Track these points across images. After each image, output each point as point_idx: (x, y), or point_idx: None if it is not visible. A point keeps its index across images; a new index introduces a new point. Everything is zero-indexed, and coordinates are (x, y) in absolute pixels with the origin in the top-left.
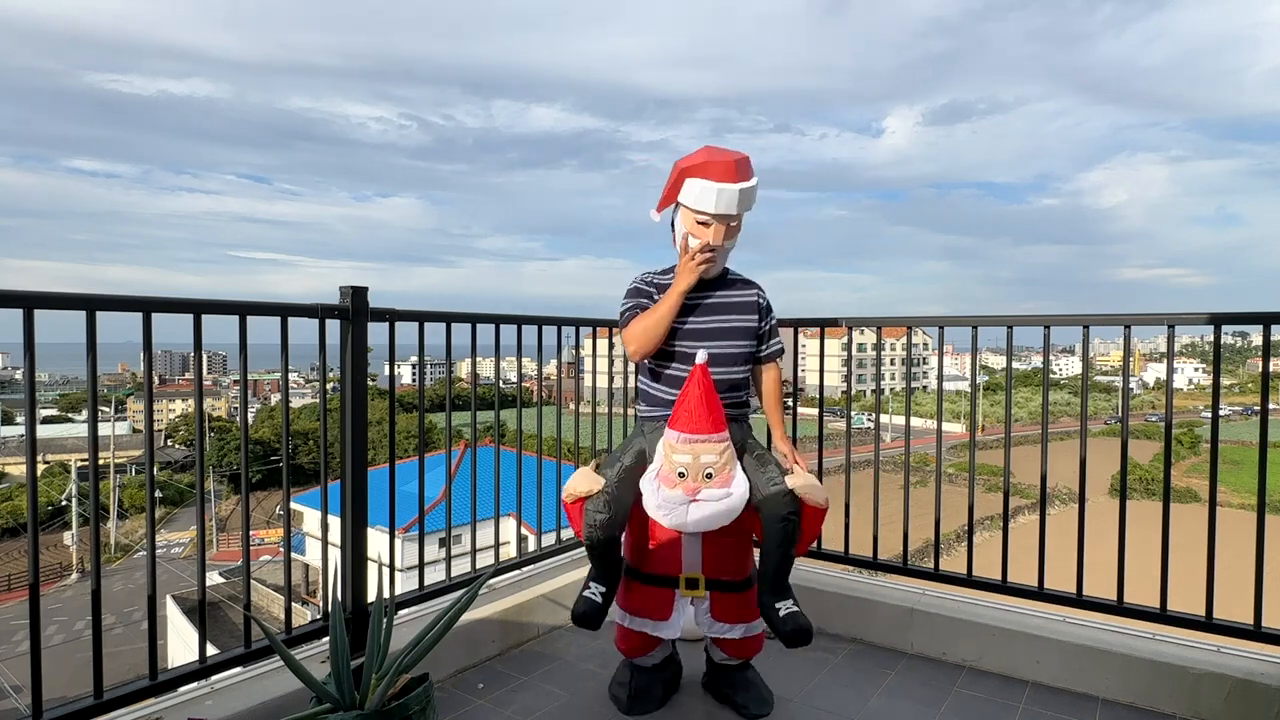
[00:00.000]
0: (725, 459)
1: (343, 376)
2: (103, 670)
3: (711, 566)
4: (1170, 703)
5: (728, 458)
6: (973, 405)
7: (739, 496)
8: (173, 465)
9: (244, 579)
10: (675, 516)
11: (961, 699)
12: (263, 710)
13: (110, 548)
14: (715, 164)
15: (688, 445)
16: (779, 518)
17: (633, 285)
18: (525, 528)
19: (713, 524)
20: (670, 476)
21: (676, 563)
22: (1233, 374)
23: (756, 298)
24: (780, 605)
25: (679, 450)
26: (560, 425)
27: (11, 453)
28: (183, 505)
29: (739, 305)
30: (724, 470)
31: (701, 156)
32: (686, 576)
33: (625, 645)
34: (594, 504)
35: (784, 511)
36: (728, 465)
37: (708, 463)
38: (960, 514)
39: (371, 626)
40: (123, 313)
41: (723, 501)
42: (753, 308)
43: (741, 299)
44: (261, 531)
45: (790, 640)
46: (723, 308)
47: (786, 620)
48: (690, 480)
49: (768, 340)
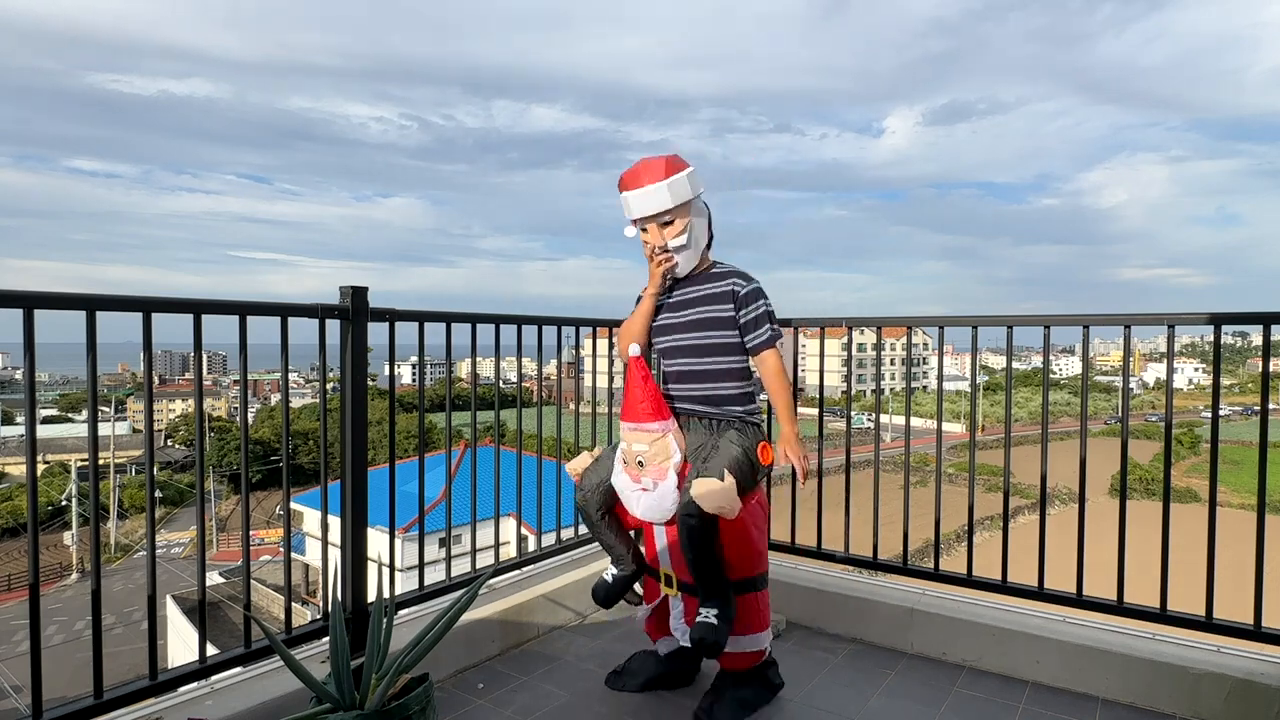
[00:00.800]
0: (655, 450)
1: (343, 376)
2: (103, 670)
3: (676, 565)
4: (1170, 703)
5: (659, 449)
6: (973, 405)
7: (666, 490)
8: (173, 465)
9: (244, 579)
10: (630, 502)
11: (961, 699)
12: (263, 710)
13: (110, 548)
14: (626, 174)
15: (627, 433)
16: (680, 514)
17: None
18: (525, 528)
19: (652, 516)
20: (620, 461)
21: (654, 556)
22: (1233, 374)
23: (732, 286)
24: (703, 610)
25: (623, 438)
26: (560, 425)
27: (11, 453)
28: (183, 505)
29: (711, 296)
30: (655, 461)
31: (626, 169)
32: (663, 572)
33: (647, 627)
34: (581, 481)
35: (682, 511)
36: (659, 456)
37: (638, 451)
38: (960, 514)
39: (371, 626)
40: (123, 313)
41: (655, 493)
42: (727, 297)
43: (715, 290)
44: (261, 531)
45: (694, 646)
46: (695, 300)
47: (698, 626)
48: (629, 467)
49: (751, 330)
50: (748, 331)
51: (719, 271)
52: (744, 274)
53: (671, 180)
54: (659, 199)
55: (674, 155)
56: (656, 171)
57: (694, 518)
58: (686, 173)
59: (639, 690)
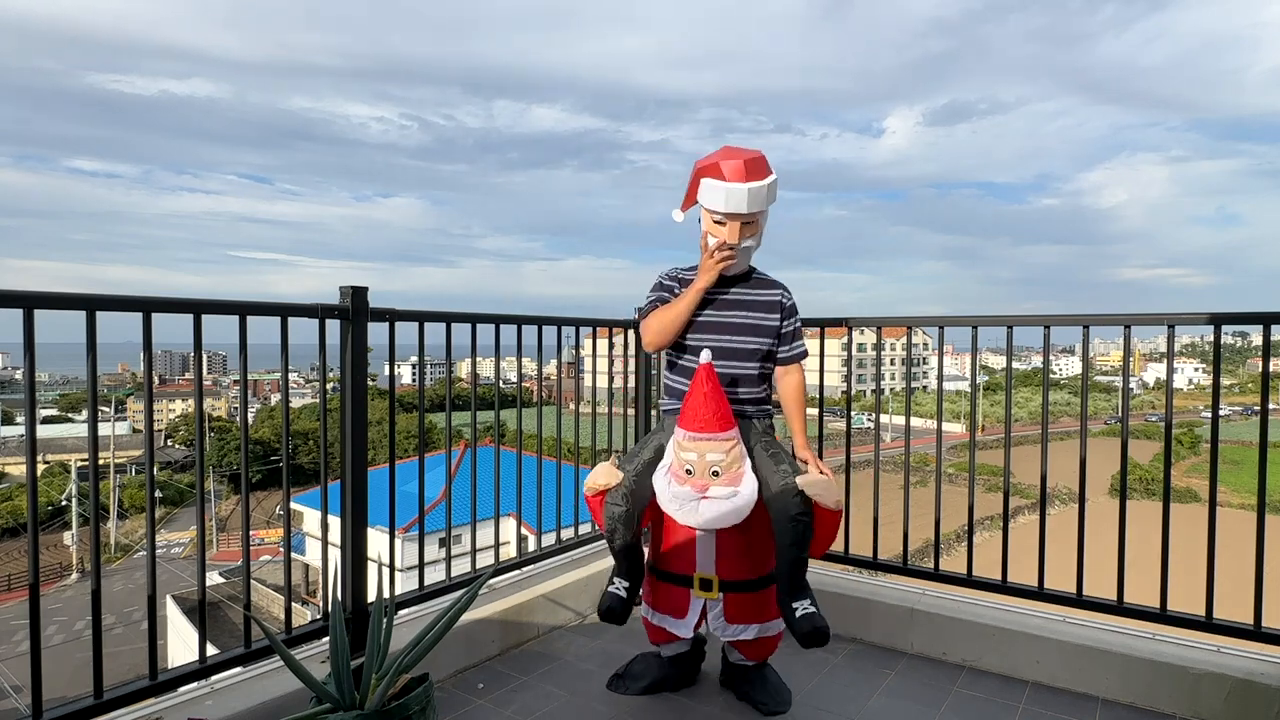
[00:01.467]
0: (732, 457)
1: (343, 376)
2: (103, 670)
3: (726, 567)
4: (1170, 703)
5: (735, 455)
6: (973, 405)
7: (746, 496)
8: (173, 465)
9: (244, 579)
10: (687, 512)
11: (961, 699)
12: (263, 710)
13: (110, 548)
14: (727, 164)
15: (694, 443)
16: (788, 517)
17: (658, 279)
18: (525, 528)
19: (723, 522)
20: (679, 473)
21: (691, 561)
22: (1233, 374)
23: (780, 297)
24: (797, 605)
25: (686, 448)
26: (560, 425)
27: (11, 453)
28: (183, 505)
29: (759, 303)
30: (731, 469)
31: (716, 157)
32: (700, 576)
33: (653, 636)
34: (613, 496)
35: (793, 511)
36: (735, 463)
37: (714, 461)
38: (960, 514)
39: (371, 626)
40: (123, 313)
41: (730, 500)
42: (775, 307)
43: (763, 297)
44: (261, 531)
45: (806, 641)
46: (741, 304)
47: (803, 621)
48: (697, 477)
49: (790, 342)
50: (786, 342)
51: (762, 279)
52: (785, 285)
53: (770, 181)
54: (760, 198)
55: (762, 153)
56: (763, 169)
57: (807, 515)
58: (775, 177)
59: (641, 694)
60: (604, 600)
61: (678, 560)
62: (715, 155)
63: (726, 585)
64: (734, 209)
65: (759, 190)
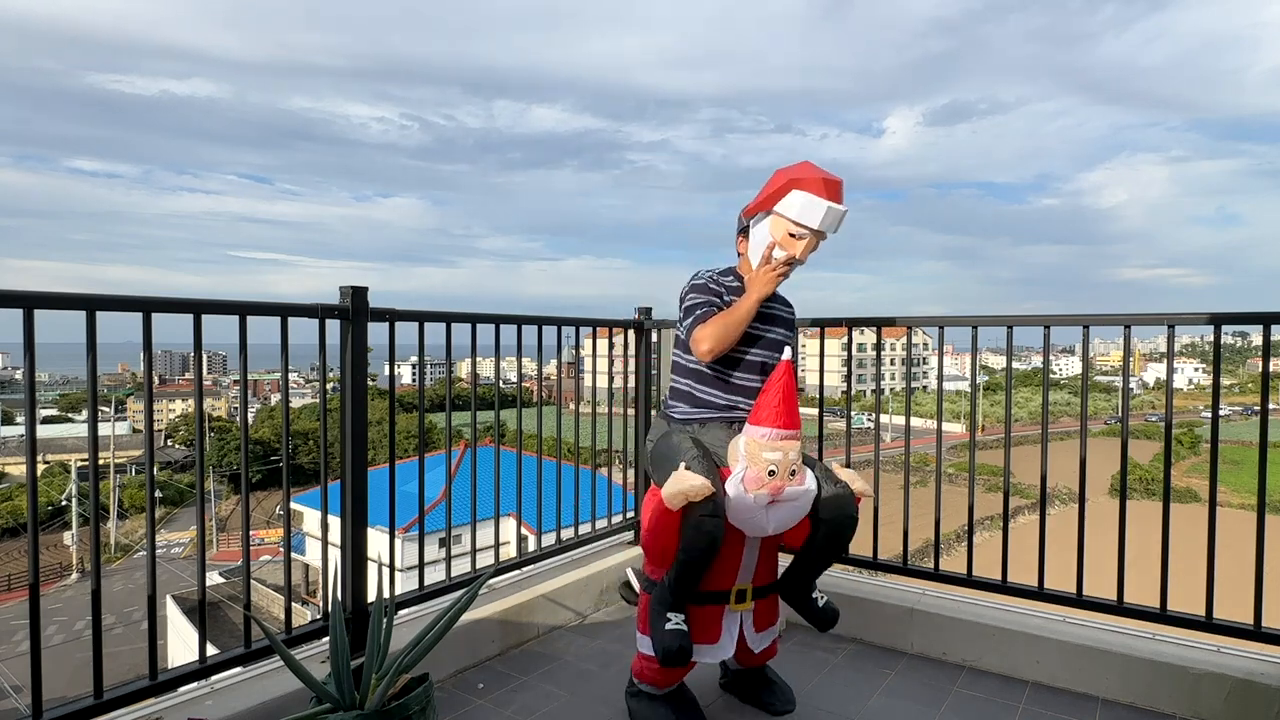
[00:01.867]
0: (798, 455)
1: (343, 376)
2: (103, 670)
3: (760, 573)
4: (1170, 703)
5: (799, 454)
6: (973, 405)
7: (809, 491)
8: (173, 465)
9: (244, 579)
10: (756, 519)
11: (961, 699)
12: (263, 710)
13: (110, 548)
14: (825, 181)
15: (783, 442)
16: (846, 515)
17: (699, 282)
18: (525, 528)
19: (792, 522)
20: (760, 477)
21: (731, 575)
22: (1233, 374)
23: (793, 316)
24: (817, 595)
25: (768, 448)
26: (560, 425)
27: (11, 453)
28: (183, 505)
29: (784, 320)
30: (801, 467)
31: (809, 171)
32: (738, 589)
33: (660, 677)
34: (703, 507)
35: (850, 510)
36: (798, 461)
37: (794, 459)
38: (960, 514)
39: (371, 626)
40: (123, 313)
41: (801, 499)
42: (791, 325)
43: (786, 314)
44: (261, 531)
45: (826, 624)
46: (775, 320)
47: (827, 608)
48: (779, 478)
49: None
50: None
51: (780, 296)
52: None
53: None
54: (839, 221)
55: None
56: (842, 195)
57: (856, 515)
58: None
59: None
60: (669, 640)
61: (717, 576)
62: (807, 169)
63: (758, 592)
64: (825, 226)
65: (842, 215)
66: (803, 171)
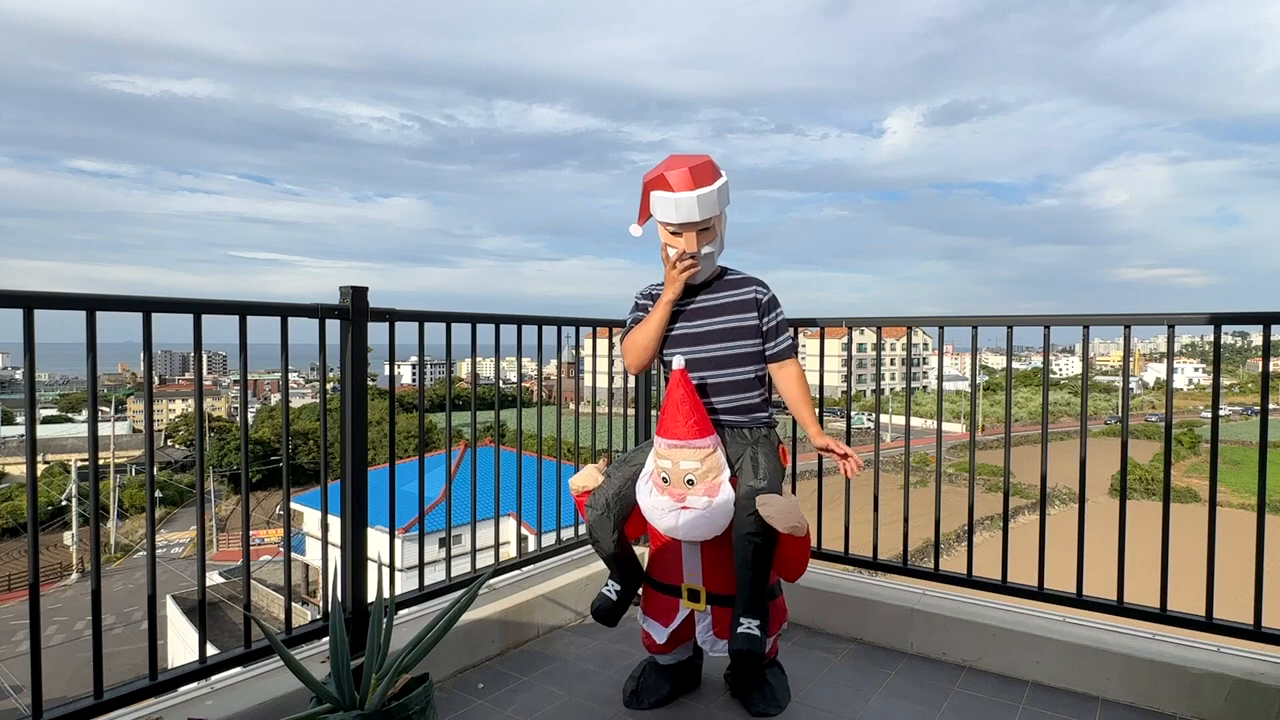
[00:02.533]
0: (708, 466)
1: (343, 376)
2: (103, 670)
3: (713, 579)
4: (1170, 703)
5: (711, 464)
6: (973, 405)
7: (721, 507)
8: (173, 465)
9: (244, 579)
10: (667, 521)
11: (961, 699)
12: (263, 710)
13: (110, 548)
14: (672, 174)
15: (669, 451)
16: (742, 534)
17: (635, 300)
18: (525, 528)
19: (699, 533)
20: (657, 481)
21: (679, 572)
22: (1233, 374)
23: (754, 294)
24: (744, 621)
25: (662, 455)
26: (560, 425)
27: (11, 453)
28: (183, 505)
29: (734, 305)
30: (707, 478)
31: (661, 168)
32: (688, 587)
33: (646, 641)
34: (592, 500)
35: (745, 530)
36: (712, 472)
37: (688, 469)
38: (960, 514)
39: (371, 626)
40: (123, 313)
41: (708, 510)
42: (750, 305)
43: (737, 298)
44: (261, 531)
45: (734, 658)
46: (717, 309)
47: (738, 638)
48: (673, 486)
49: (775, 337)
50: (770, 338)
51: (735, 278)
52: (759, 280)
53: (720, 185)
54: (710, 203)
55: (709, 158)
56: (709, 173)
57: (759, 535)
58: (725, 178)
59: (658, 705)
60: (595, 600)
61: (667, 570)
62: (661, 166)
63: (714, 598)
64: (685, 219)
65: (709, 196)
66: (657, 171)
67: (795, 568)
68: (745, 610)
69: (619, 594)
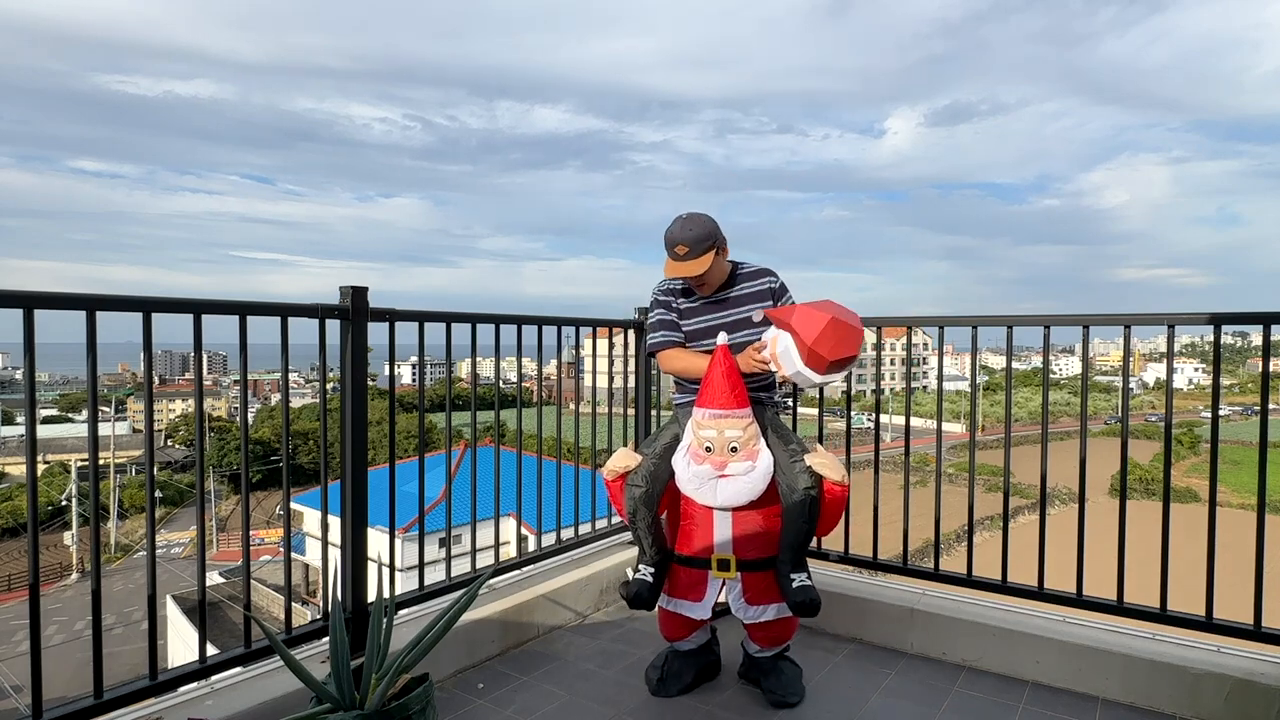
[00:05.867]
0: (749, 434)
1: (343, 376)
2: (103, 670)
3: (743, 546)
4: (1170, 703)
5: (752, 433)
6: (973, 405)
7: (764, 469)
8: (173, 465)
9: (244, 579)
10: (705, 491)
11: (961, 699)
12: (263, 710)
13: (110, 548)
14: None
15: (713, 421)
16: (798, 489)
17: (654, 297)
18: (525, 528)
19: (741, 498)
20: (699, 452)
21: (709, 544)
22: (1233, 374)
23: (769, 285)
24: (795, 576)
25: (705, 426)
26: (560, 425)
27: (11, 453)
28: (183, 505)
29: (753, 296)
30: (749, 445)
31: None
32: (718, 558)
33: (666, 629)
34: (633, 478)
35: (802, 486)
36: (752, 440)
37: (732, 437)
38: (960, 514)
39: (371, 626)
40: (123, 313)
41: (749, 475)
42: (765, 295)
43: (755, 289)
44: (261, 531)
45: (798, 610)
46: (737, 301)
47: (798, 591)
48: (717, 454)
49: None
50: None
51: (748, 271)
52: (770, 270)
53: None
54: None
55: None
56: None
57: (814, 488)
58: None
59: (682, 693)
60: (631, 586)
61: (696, 543)
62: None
63: (744, 565)
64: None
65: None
66: (808, 324)
67: (829, 522)
68: (795, 566)
69: (654, 575)
